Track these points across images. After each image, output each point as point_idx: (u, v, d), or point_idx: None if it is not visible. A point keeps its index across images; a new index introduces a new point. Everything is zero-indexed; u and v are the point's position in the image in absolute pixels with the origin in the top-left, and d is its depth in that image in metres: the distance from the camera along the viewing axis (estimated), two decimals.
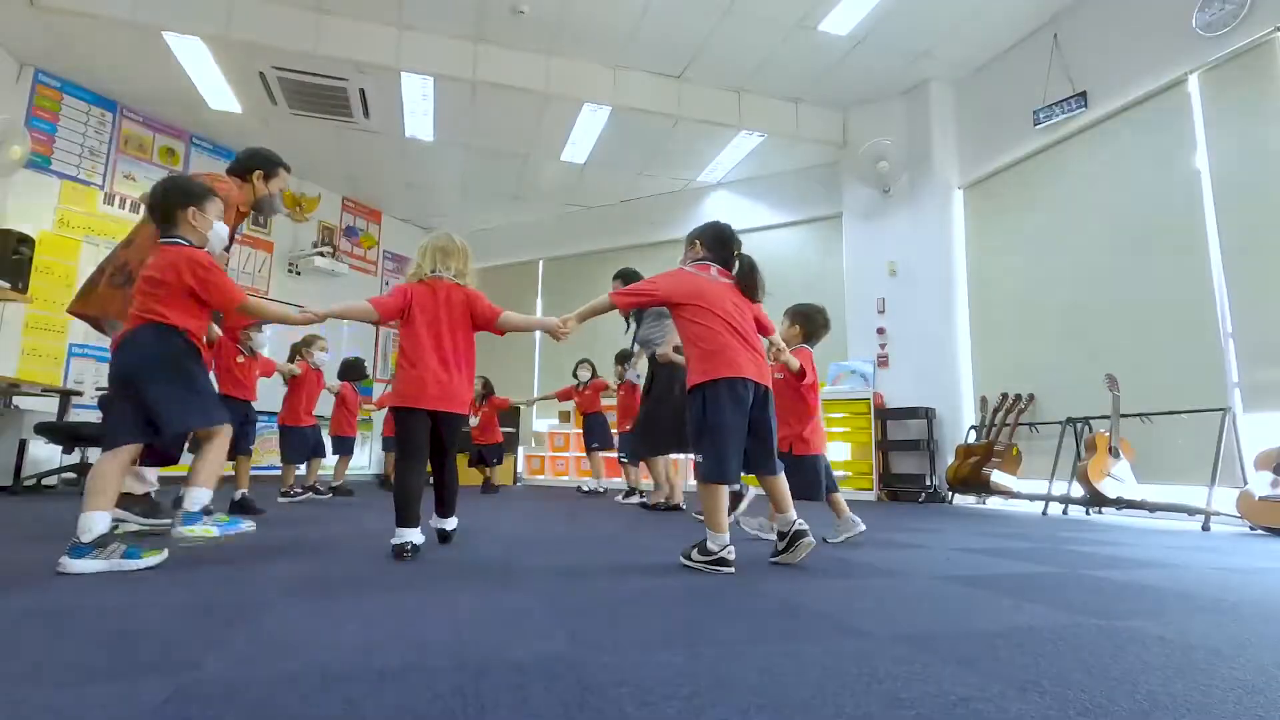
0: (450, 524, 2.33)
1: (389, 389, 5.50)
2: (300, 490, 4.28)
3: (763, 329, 2.22)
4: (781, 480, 2.08)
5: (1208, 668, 1.02)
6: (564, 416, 7.73)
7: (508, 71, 5.53)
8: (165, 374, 1.89)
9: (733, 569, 1.86)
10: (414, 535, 2.04)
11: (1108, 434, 4.04)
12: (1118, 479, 3.94)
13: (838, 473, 5.83)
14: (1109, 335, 4.49)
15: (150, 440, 1.92)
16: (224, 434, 2.07)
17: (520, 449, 7.95)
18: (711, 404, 1.99)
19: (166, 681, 0.87)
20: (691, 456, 3.00)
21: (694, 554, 1.94)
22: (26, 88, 5.37)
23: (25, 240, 4.96)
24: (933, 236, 5.80)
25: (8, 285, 4.72)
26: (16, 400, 4.96)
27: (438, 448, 2.23)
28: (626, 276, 3.82)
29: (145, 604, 1.34)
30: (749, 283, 2.19)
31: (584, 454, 6.00)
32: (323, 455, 4.44)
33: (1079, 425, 4.42)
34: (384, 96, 5.81)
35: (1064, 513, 4.34)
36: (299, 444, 4.23)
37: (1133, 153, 4.49)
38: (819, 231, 6.86)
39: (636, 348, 4.18)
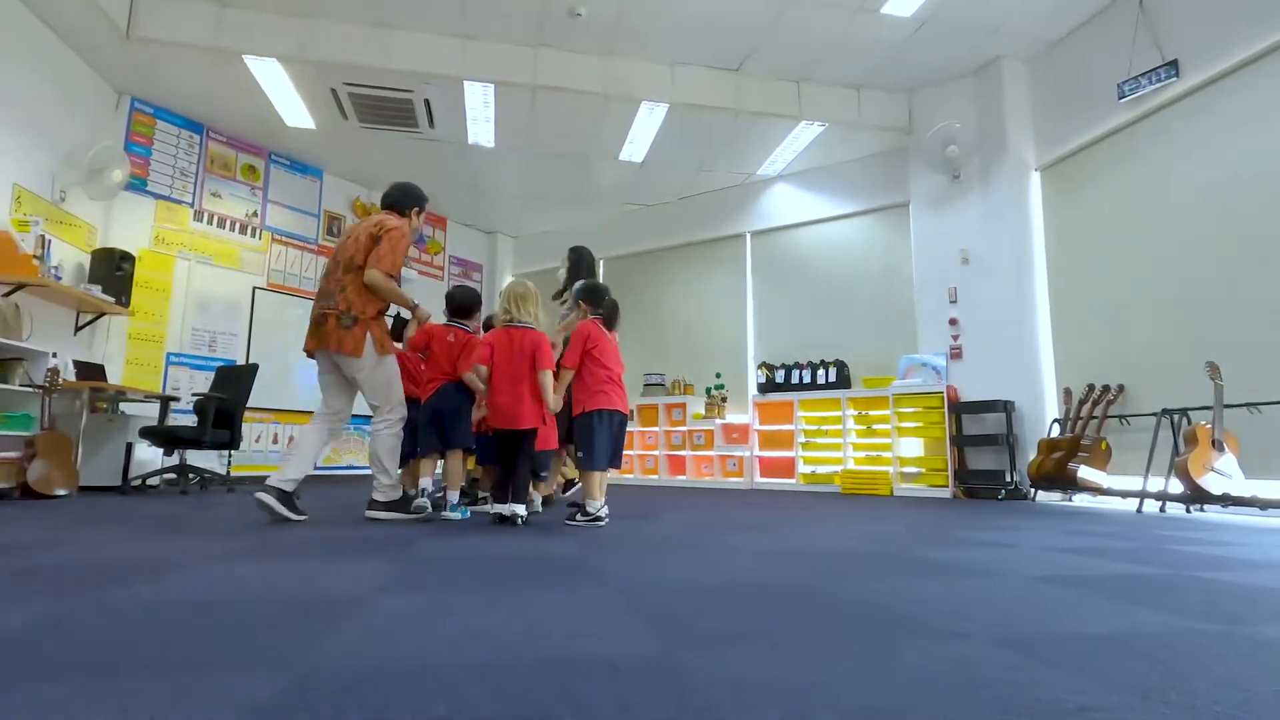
0: (519, 509, 2.93)
1: None
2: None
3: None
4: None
5: None
6: None
7: (566, 74, 5.60)
8: (454, 413, 3.28)
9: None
10: (503, 509, 2.93)
11: (1210, 426, 3.78)
12: (1222, 474, 3.68)
13: (910, 469, 5.70)
14: (1208, 320, 4.19)
15: (441, 449, 3.31)
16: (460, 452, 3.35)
17: None
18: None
19: (280, 672, 0.91)
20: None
21: (578, 516, 2.98)
22: (124, 115, 5.77)
23: (127, 258, 5.35)
24: (1008, 221, 5.54)
25: (113, 300, 5.08)
26: (123, 406, 5.34)
27: (512, 452, 3.03)
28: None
29: (252, 597, 1.41)
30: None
31: (646, 451, 5.97)
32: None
33: (1176, 417, 4.14)
34: (448, 106, 5.97)
35: (1161, 510, 4.07)
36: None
37: (1231, 124, 4.17)
38: (885, 221, 6.66)
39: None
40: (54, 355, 4.43)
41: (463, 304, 3.56)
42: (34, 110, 4.76)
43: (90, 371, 4.94)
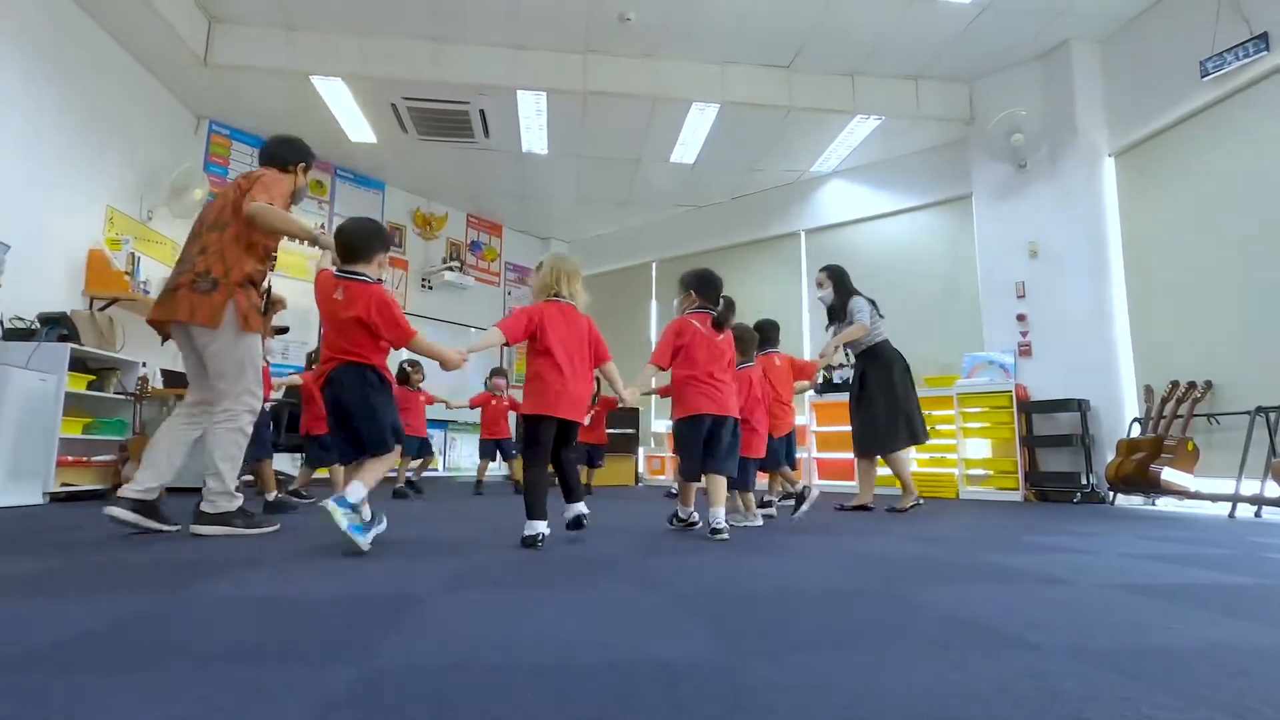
0: (582, 509, 2.50)
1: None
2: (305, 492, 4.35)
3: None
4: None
5: None
6: None
7: (616, 79, 5.64)
8: (364, 405, 2.29)
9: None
10: (542, 527, 2.27)
11: None
12: None
13: (976, 471, 5.49)
14: None
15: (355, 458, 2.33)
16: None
17: (640, 449, 8.06)
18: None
19: (351, 666, 0.95)
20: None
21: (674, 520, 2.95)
22: (203, 138, 6.13)
23: None
24: (1079, 211, 5.28)
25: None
26: None
27: (560, 447, 2.49)
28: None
29: (321, 594, 1.48)
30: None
31: None
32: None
33: (1272, 415, 3.86)
34: (502, 115, 6.10)
35: (1256, 515, 3.80)
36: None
37: None
38: (947, 215, 6.45)
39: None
40: (144, 365, 4.73)
41: (353, 241, 2.39)
42: (124, 136, 5.10)
43: (176, 379, 5.24)
